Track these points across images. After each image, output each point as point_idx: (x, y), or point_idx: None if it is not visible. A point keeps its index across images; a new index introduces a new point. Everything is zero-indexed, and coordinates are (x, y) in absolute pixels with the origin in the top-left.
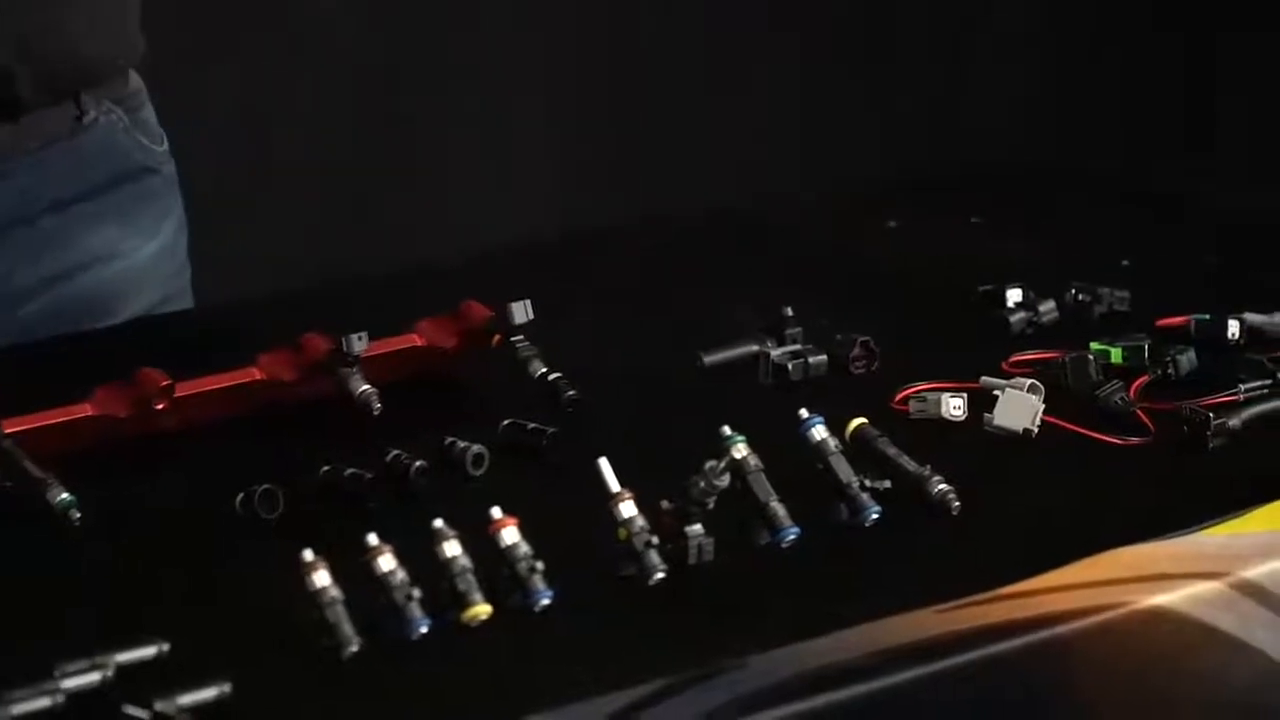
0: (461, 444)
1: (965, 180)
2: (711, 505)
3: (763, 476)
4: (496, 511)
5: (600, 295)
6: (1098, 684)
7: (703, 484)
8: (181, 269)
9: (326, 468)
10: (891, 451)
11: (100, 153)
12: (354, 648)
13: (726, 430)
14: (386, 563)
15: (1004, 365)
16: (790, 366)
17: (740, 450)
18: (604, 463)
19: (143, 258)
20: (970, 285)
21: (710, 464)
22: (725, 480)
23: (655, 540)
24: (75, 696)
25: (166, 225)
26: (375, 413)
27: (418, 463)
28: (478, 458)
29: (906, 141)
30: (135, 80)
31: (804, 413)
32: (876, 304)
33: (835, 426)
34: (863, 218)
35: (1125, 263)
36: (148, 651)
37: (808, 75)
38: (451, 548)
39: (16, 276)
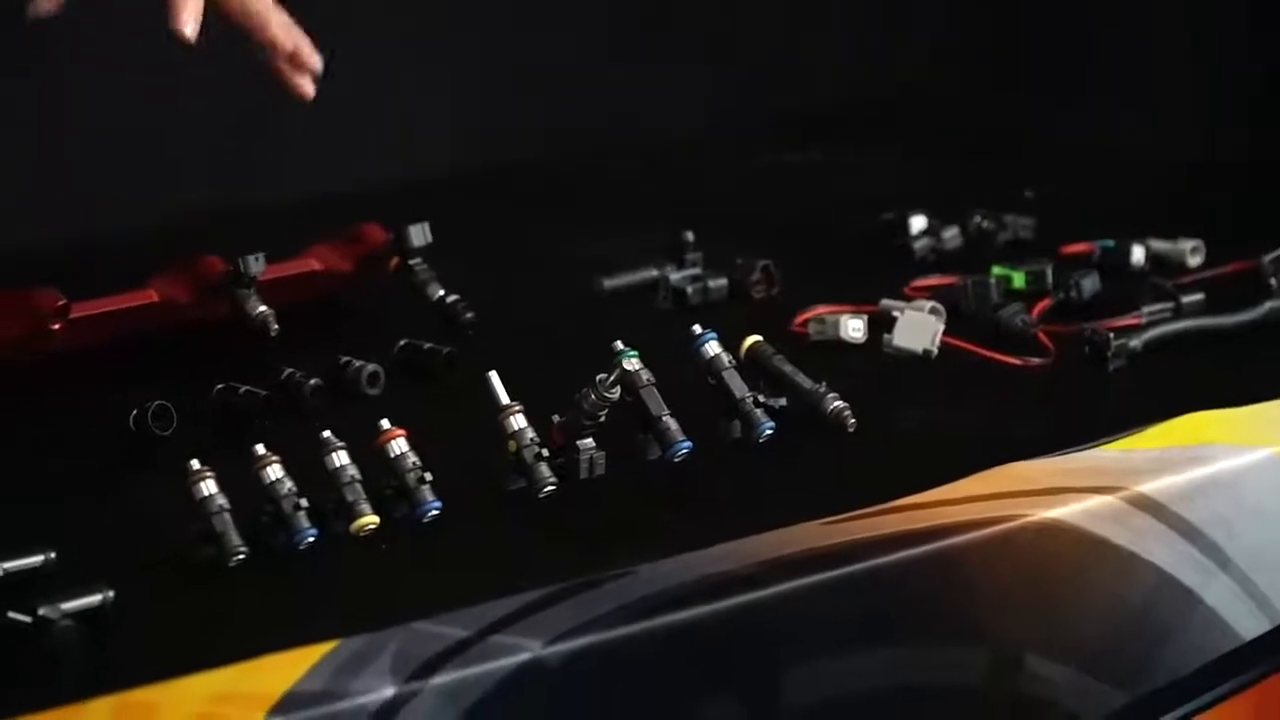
0: (357, 363)
1: (868, 113)
2: (603, 419)
3: (655, 391)
4: (385, 423)
5: (501, 225)
6: (991, 596)
7: (593, 396)
8: None
9: (221, 386)
10: (787, 369)
11: None
12: (240, 556)
13: (619, 345)
14: (274, 471)
15: (906, 290)
16: (689, 290)
17: (631, 364)
18: (493, 376)
19: None
20: (875, 215)
21: (600, 376)
22: (615, 393)
23: (545, 453)
24: None
25: None
26: (273, 334)
27: (312, 381)
28: (373, 376)
29: (802, 75)
30: None
31: (697, 328)
32: (780, 233)
33: (733, 347)
34: (763, 151)
35: (1028, 194)
36: (34, 560)
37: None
38: (339, 458)
39: None
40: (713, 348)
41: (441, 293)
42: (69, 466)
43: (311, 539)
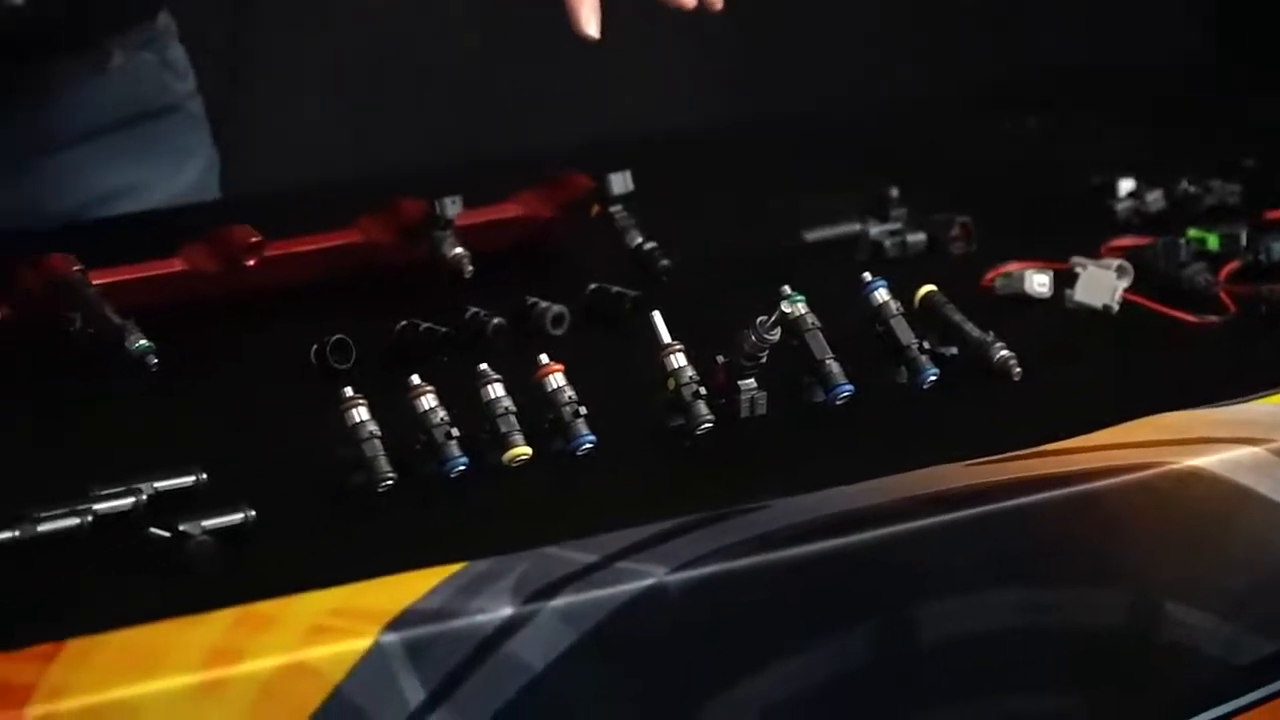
0: (542, 304)
1: (1089, 79)
2: (764, 359)
3: (820, 335)
4: (543, 358)
5: (710, 187)
6: (1130, 540)
7: (753, 338)
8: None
9: (404, 323)
10: (957, 318)
11: (123, 91)
12: (388, 482)
13: (786, 289)
14: (427, 401)
15: (1102, 250)
16: (886, 244)
17: (796, 307)
18: (657, 316)
19: (166, 195)
20: (1087, 178)
21: (760, 319)
22: (775, 334)
23: (703, 391)
24: (105, 518)
25: (191, 164)
26: (467, 275)
27: (495, 320)
28: (557, 317)
29: (1028, 39)
30: (163, 19)
31: (867, 276)
32: (990, 193)
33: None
34: (985, 115)
35: (1249, 162)
36: (185, 480)
37: None
38: (495, 389)
39: (37, 209)
40: (881, 295)
41: (640, 240)
42: (246, 397)
43: (461, 468)
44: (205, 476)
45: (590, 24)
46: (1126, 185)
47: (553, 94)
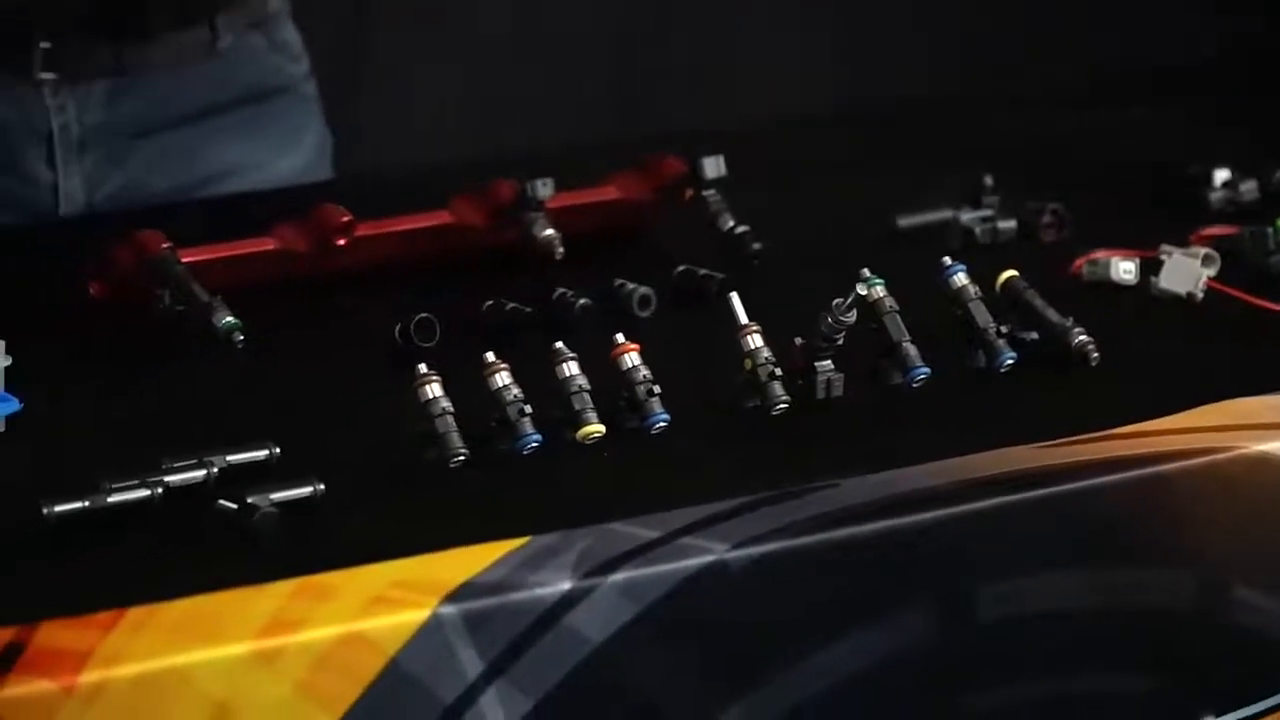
0: (629, 286)
1: (1188, 71)
2: (840, 341)
3: (898, 318)
4: (619, 337)
5: (805, 172)
6: (1198, 523)
7: (830, 319)
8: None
9: (490, 302)
10: (1038, 303)
11: (232, 72)
12: (460, 458)
13: (865, 272)
14: (501, 379)
15: (1191, 238)
16: (977, 230)
17: (873, 290)
18: (734, 297)
19: (274, 175)
20: (1183, 168)
21: (837, 300)
22: (851, 316)
23: (779, 372)
24: (176, 491)
25: (302, 145)
26: (557, 257)
27: (581, 301)
28: (644, 299)
29: (1127, 32)
30: (275, 1)
31: (946, 260)
32: (1088, 183)
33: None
34: (1084, 107)
35: None
36: (258, 454)
37: None
38: (569, 368)
39: (145, 188)
40: (960, 279)
41: (731, 224)
42: (331, 374)
43: (534, 444)
44: (278, 450)
45: None
46: (1221, 175)
47: (649, 80)
